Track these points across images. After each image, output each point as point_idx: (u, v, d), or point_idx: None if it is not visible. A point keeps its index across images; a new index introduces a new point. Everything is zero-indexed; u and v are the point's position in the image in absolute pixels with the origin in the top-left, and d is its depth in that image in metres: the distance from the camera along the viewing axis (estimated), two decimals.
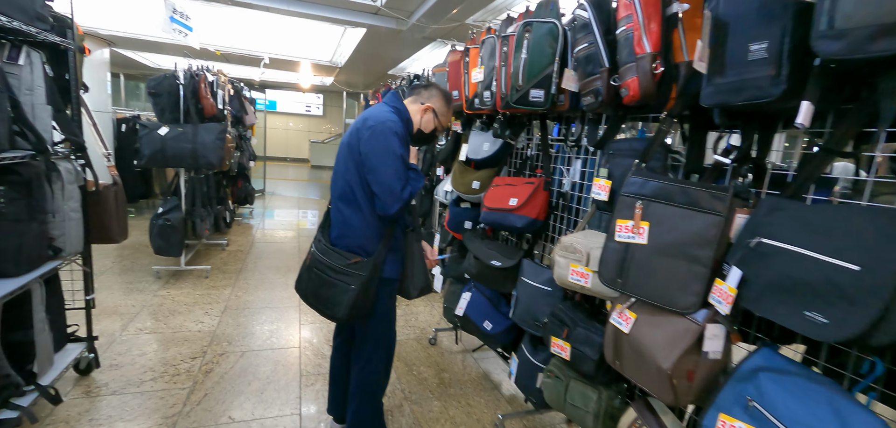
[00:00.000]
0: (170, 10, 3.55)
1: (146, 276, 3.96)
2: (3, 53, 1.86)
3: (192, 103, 3.81)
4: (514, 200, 2.16)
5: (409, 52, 4.83)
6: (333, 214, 1.84)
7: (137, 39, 5.17)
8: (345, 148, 1.79)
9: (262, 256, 4.86)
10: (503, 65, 2.03)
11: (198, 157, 3.70)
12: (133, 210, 6.58)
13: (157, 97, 3.73)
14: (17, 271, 1.80)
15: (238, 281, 4.05)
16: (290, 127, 18.09)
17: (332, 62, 5.82)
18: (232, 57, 6.11)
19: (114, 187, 2.32)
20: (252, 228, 6.17)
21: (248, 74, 8.14)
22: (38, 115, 1.95)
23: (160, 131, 3.61)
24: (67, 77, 2.18)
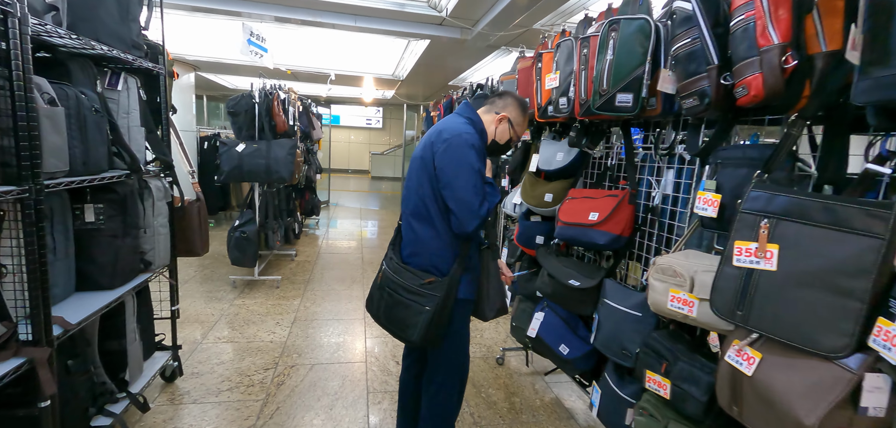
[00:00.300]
0: (248, 34, 3.75)
1: (224, 285, 4.17)
2: (105, 80, 2.00)
3: (266, 120, 3.99)
4: (595, 215, 1.98)
5: (470, 62, 4.76)
6: (405, 230, 1.77)
7: (219, 63, 5.55)
8: (417, 162, 1.72)
9: (327, 267, 4.98)
10: (583, 68, 1.87)
11: (271, 172, 3.85)
12: (213, 221, 7.06)
13: (236, 116, 3.94)
14: (112, 284, 1.91)
15: (306, 292, 4.15)
16: (351, 140, 18.83)
17: (394, 76, 5.90)
18: (301, 75, 6.40)
19: (197, 203, 2.44)
20: (318, 239, 6.38)
21: (316, 91, 8.52)
22: (133, 136, 2.08)
23: (238, 148, 3.81)
24: (158, 100, 2.32)
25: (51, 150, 1.44)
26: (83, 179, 1.63)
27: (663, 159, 1.87)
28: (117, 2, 1.91)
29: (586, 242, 2.02)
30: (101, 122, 1.74)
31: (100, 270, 1.87)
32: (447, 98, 5.04)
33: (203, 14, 3.76)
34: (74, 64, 1.75)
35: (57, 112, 1.46)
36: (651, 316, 1.71)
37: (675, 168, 1.82)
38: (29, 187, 1.30)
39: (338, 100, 11.15)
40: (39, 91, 1.41)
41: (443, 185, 1.61)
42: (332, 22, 3.72)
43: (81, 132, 1.63)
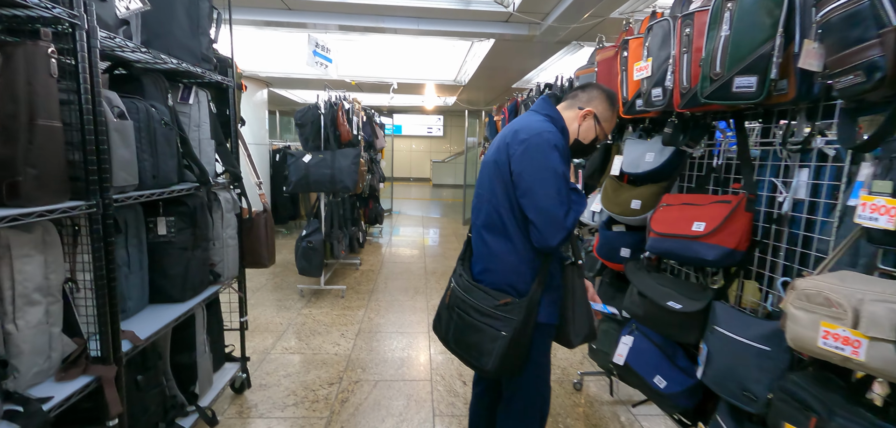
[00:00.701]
0: (313, 45, 3.80)
1: (292, 294, 4.24)
2: (177, 94, 2.03)
3: (331, 131, 4.01)
4: (701, 225, 1.66)
5: (536, 62, 4.51)
6: (476, 244, 1.58)
7: (289, 78, 5.76)
8: (490, 167, 1.52)
9: (391, 277, 4.92)
10: (686, 51, 1.58)
11: (335, 182, 3.86)
12: (285, 230, 7.37)
13: (303, 127, 4.00)
14: (183, 297, 1.91)
15: (370, 302, 4.10)
16: (413, 148, 19.10)
17: (456, 81, 5.78)
18: (365, 85, 6.48)
19: (264, 214, 2.42)
20: (381, 248, 6.39)
21: (379, 101, 8.66)
22: (203, 149, 2.09)
23: (304, 159, 3.85)
24: (228, 112, 2.33)
25: (120, 164, 1.42)
26: (153, 193, 1.62)
27: (794, 156, 1.51)
28: (188, 16, 1.92)
29: (690, 258, 1.70)
30: (171, 136, 1.74)
31: (171, 283, 1.88)
32: (511, 101, 4.81)
33: (272, 28, 3.86)
34: (147, 78, 1.77)
35: (126, 126, 1.44)
36: (784, 351, 1.37)
37: (811, 166, 1.46)
38: (97, 202, 1.28)
39: (400, 109, 11.30)
40: (110, 105, 1.40)
41: (521, 193, 1.40)
42: (395, 26, 3.65)
43: (151, 146, 1.62)
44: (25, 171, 1.09)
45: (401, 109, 11.46)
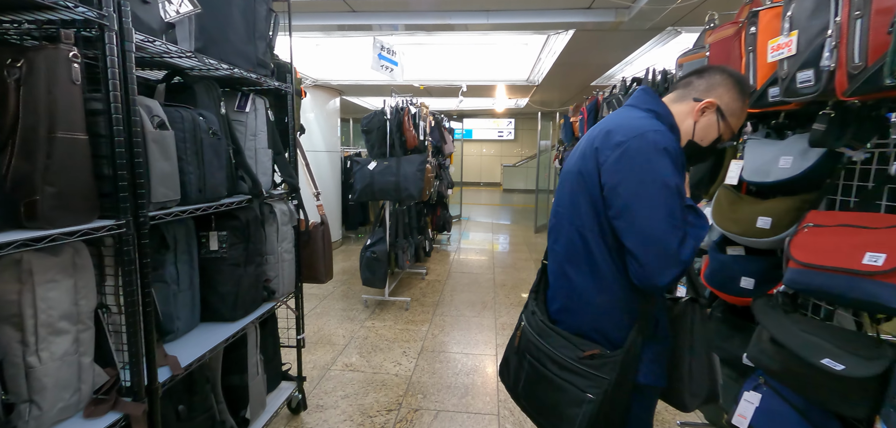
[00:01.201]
0: (378, 49, 3.70)
1: (357, 304, 4.16)
2: (234, 102, 1.94)
3: (396, 137, 3.87)
4: (879, 257, 1.19)
5: (620, 55, 4.02)
6: (554, 274, 1.26)
7: (359, 85, 5.78)
8: (572, 179, 1.19)
9: (457, 289, 4.68)
10: (861, 15, 1.13)
11: (400, 190, 3.70)
12: (357, 235, 7.47)
13: (369, 133, 3.90)
14: (234, 316, 1.80)
15: (435, 316, 3.89)
16: (483, 153, 18.88)
17: (529, 81, 5.41)
18: (433, 90, 6.34)
19: (322, 227, 2.29)
20: (449, 256, 6.19)
21: (448, 106, 8.52)
22: (260, 159, 1.99)
23: (369, 166, 3.75)
24: (286, 120, 2.23)
25: (160, 178, 1.31)
26: (198, 207, 1.51)
27: None
28: (245, 20, 1.82)
29: (860, 301, 1.23)
30: (220, 146, 1.63)
31: (221, 301, 1.78)
32: (591, 100, 4.35)
33: (337, 33, 3.81)
34: (199, 86, 1.68)
35: (166, 136, 1.33)
36: None
37: None
38: (127, 221, 1.16)
39: (470, 113, 11.09)
40: (149, 114, 1.30)
41: (615, 214, 1.06)
42: (464, 22, 3.41)
43: (197, 157, 1.51)
44: (43, 189, 0.98)
45: (470, 113, 11.24)
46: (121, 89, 1.14)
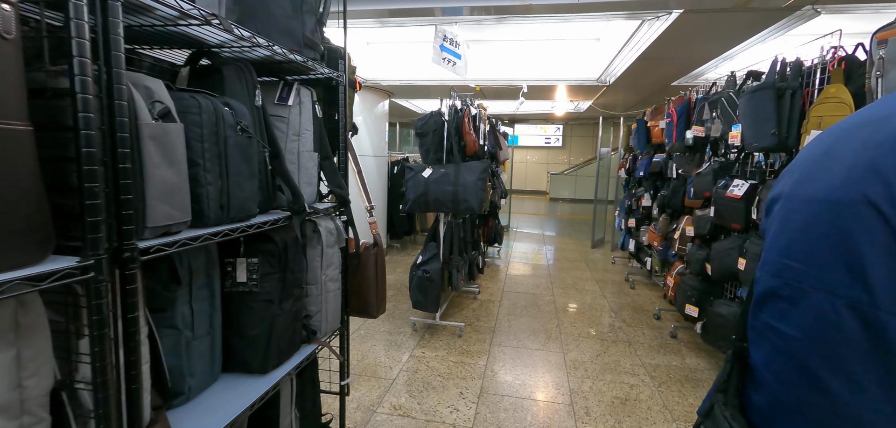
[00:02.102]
0: (440, 39, 3.27)
1: (405, 326, 3.73)
2: (275, 94, 1.55)
3: (455, 141, 3.42)
4: None
5: (722, 47, 3.38)
6: (778, 376, 0.73)
7: (411, 86, 5.40)
8: (820, 218, 0.65)
9: (514, 311, 4.16)
10: None
11: (458, 201, 3.24)
12: (398, 245, 7.10)
13: (424, 137, 3.48)
14: (264, 367, 1.39)
15: (493, 347, 3.39)
16: (528, 160, 18.25)
17: (600, 81, 4.82)
18: (489, 91, 5.86)
19: (375, 250, 1.85)
20: (500, 272, 5.67)
21: (503, 109, 8.02)
22: (303, 164, 1.58)
23: (424, 173, 3.31)
24: (336, 118, 1.82)
25: (159, 191, 0.91)
26: (217, 231, 1.10)
27: None
28: None
29: None
30: (250, 148, 1.22)
31: (250, 347, 1.37)
32: (680, 101, 3.72)
33: (396, 20, 3.42)
34: (229, 70, 1.28)
35: (169, 131, 0.92)
36: None
37: None
38: (96, 260, 0.74)
39: (524, 118, 10.50)
40: (148, 98, 0.89)
41: None
42: (543, 2, 2.91)
43: (219, 162, 1.10)
44: None
45: (525, 118, 10.64)
46: (103, 61, 0.73)
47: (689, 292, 3.30)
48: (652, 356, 3.32)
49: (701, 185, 3.22)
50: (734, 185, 2.86)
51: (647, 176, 4.74)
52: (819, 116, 2.21)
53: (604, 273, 5.79)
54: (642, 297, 4.76)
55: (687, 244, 3.60)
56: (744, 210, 2.77)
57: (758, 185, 2.77)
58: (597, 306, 4.42)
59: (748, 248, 2.64)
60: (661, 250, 4.32)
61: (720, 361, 3.22)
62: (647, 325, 3.95)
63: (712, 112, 3.01)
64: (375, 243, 1.86)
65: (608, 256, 6.81)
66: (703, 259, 3.19)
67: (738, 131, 2.60)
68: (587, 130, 17.23)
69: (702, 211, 3.32)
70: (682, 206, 3.81)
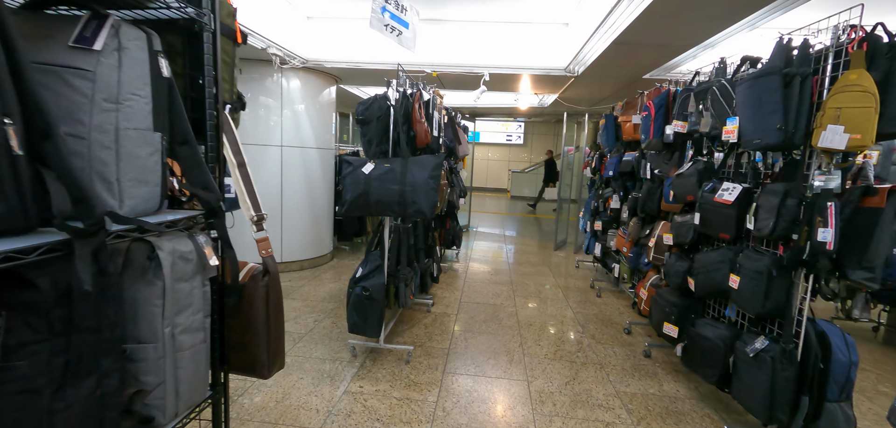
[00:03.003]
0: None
1: (343, 350, 3.13)
2: (71, 32, 0.93)
3: (403, 130, 2.85)
4: None
5: (707, 30, 3.01)
6: None
7: (359, 69, 4.76)
8: None
9: (472, 328, 3.65)
10: None
11: (406, 203, 2.67)
12: (347, 246, 6.44)
13: (365, 125, 2.88)
14: None
15: (446, 374, 2.86)
16: (489, 157, 17.95)
17: (568, 71, 4.38)
18: (447, 79, 5.30)
19: (265, 280, 1.26)
20: (458, 277, 5.16)
21: (462, 101, 7.50)
22: (127, 149, 0.97)
23: (364, 169, 2.72)
24: (202, 81, 1.21)
25: None
26: None
27: None
28: None
29: None
30: None
31: None
32: (659, 92, 3.33)
33: None
34: None
35: None
36: None
37: None
38: None
39: (484, 112, 10.02)
40: None
41: None
42: None
43: None
44: None
45: (486, 112, 10.14)
46: None
47: (668, 309, 2.91)
48: (626, 382, 2.91)
49: (683, 187, 2.83)
50: (724, 188, 2.48)
51: (617, 176, 4.37)
52: (837, 108, 1.82)
53: (568, 279, 5.41)
54: (610, 307, 4.39)
55: (664, 253, 3.22)
56: (735, 218, 2.38)
57: (752, 190, 2.40)
58: (562, 319, 3.99)
59: (743, 263, 2.25)
60: (632, 258, 3.95)
61: (702, 387, 2.85)
62: (618, 341, 3.55)
63: (699, 104, 2.61)
64: (266, 270, 1.27)
65: (572, 260, 6.47)
66: (685, 272, 2.81)
67: (734, 126, 2.20)
68: (549, 128, 17.15)
69: (682, 217, 2.93)
70: (658, 211, 3.43)
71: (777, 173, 2.23)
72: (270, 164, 4.86)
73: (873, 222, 1.89)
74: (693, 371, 2.70)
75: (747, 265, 2.21)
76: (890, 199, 1.85)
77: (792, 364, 2.05)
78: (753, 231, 2.20)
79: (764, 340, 2.17)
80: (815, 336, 2.07)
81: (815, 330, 2.09)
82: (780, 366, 2.06)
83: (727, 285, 2.38)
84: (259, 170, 4.81)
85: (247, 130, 4.76)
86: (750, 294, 2.19)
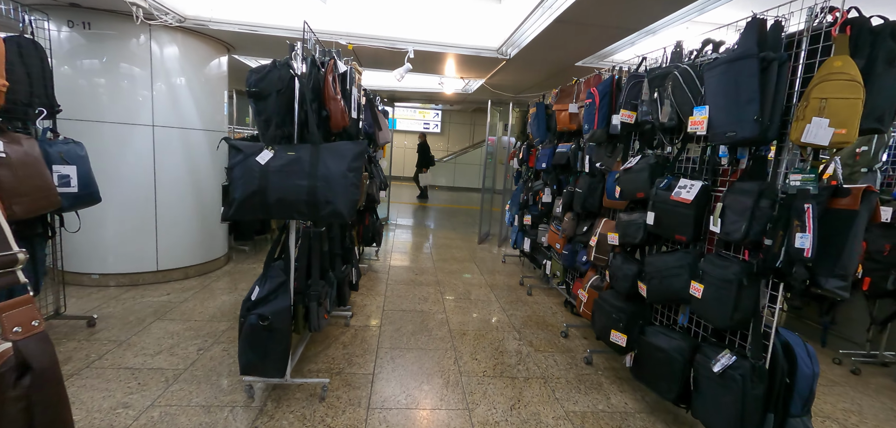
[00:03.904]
0: None
1: (236, 389, 2.44)
2: None
3: (313, 109, 2.22)
4: None
5: (651, 15, 2.81)
6: None
7: (261, 36, 3.92)
8: None
9: (399, 340, 3.15)
10: None
11: (318, 203, 2.07)
12: (248, 247, 5.52)
13: (261, 100, 2.20)
14: None
15: (371, 410, 2.33)
16: (407, 145, 17.44)
17: (501, 53, 4.02)
18: (365, 54, 4.66)
19: (21, 384, 0.62)
20: (380, 279, 4.61)
21: (382, 83, 6.84)
22: None
23: (259, 158, 2.06)
24: None
25: None
26: None
27: None
28: None
29: None
30: None
31: None
32: (600, 79, 3.09)
33: None
34: None
35: None
36: None
37: None
38: None
39: (404, 97, 9.40)
40: None
41: None
42: None
43: None
44: None
45: (407, 97, 9.51)
46: None
47: (615, 316, 2.68)
48: (573, 398, 2.63)
49: (632, 183, 2.59)
50: (681, 185, 2.26)
51: (550, 168, 4.13)
52: (822, 98, 1.62)
53: (496, 275, 5.13)
54: (542, 306, 4.17)
55: (607, 254, 3.00)
56: (693, 218, 2.17)
57: (710, 188, 2.20)
58: (497, 324, 3.66)
59: (707, 270, 2.03)
60: (567, 255, 3.74)
61: (649, 396, 2.67)
62: (557, 347, 3.30)
63: (653, 92, 2.37)
64: (24, 365, 0.64)
65: (497, 254, 6.25)
66: (634, 276, 2.58)
67: (703, 116, 1.96)
68: (465, 118, 17.11)
69: (628, 214, 2.71)
70: (600, 207, 3.21)
71: (743, 171, 2.04)
72: (138, 147, 3.84)
73: (845, 226, 1.74)
74: (646, 385, 2.49)
75: (713, 273, 2.00)
76: (864, 201, 1.72)
77: (762, 381, 1.87)
78: (719, 234, 1.99)
79: (730, 355, 1.98)
80: (780, 349, 1.92)
81: (780, 341, 1.94)
82: (750, 385, 1.87)
83: (687, 293, 2.16)
84: (121, 156, 3.77)
85: (103, 106, 3.69)
86: (716, 305, 1.98)
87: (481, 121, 16.50)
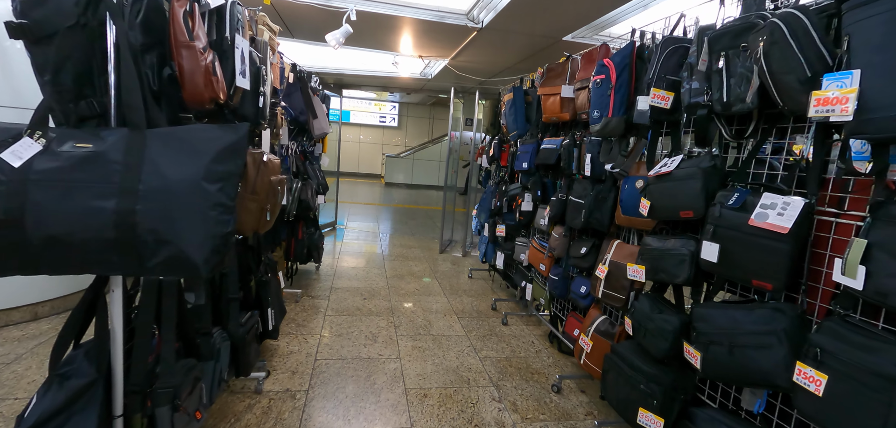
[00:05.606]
0: None
1: None
2: None
3: (146, 63, 1.19)
4: None
5: None
6: None
7: None
8: None
9: (336, 413, 2.18)
10: None
11: (139, 245, 1.05)
12: None
13: (40, 44, 1.14)
14: None
15: None
16: (361, 139, 16.31)
17: (471, 17, 3.10)
18: (293, 14, 3.58)
19: None
20: (317, 309, 3.58)
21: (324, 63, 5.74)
22: None
23: (7, 155, 1.01)
24: None
25: None
26: None
27: None
28: None
29: None
30: None
31: None
32: (608, 51, 2.24)
33: None
34: None
35: None
36: None
37: None
38: None
39: (353, 83, 8.24)
40: None
41: None
42: None
43: None
44: None
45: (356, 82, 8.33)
46: None
47: (644, 387, 1.84)
48: None
49: (672, 197, 1.76)
50: (767, 204, 1.43)
51: (532, 169, 3.27)
52: None
53: (462, 297, 4.24)
54: (522, 341, 3.32)
55: (625, 292, 2.16)
56: (788, 256, 1.35)
57: (813, 208, 1.39)
58: (468, 375, 2.76)
59: (830, 348, 1.21)
60: (556, 282, 2.90)
61: None
62: (550, 412, 2.45)
63: (719, 59, 1.52)
64: None
65: (461, 265, 5.36)
66: (676, 332, 1.75)
67: (847, 90, 1.13)
68: (424, 111, 16.20)
69: (660, 240, 1.88)
70: (610, 225, 2.38)
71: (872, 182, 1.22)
72: None
73: None
74: None
75: (847, 358, 1.18)
76: None
77: None
78: (865, 291, 1.17)
79: None
80: None
81: None
82: None
83: (784, 380, 1.34)
84: None
85: None
86: (855, 411, 1.16)
87: (441, 115, 15.60)
